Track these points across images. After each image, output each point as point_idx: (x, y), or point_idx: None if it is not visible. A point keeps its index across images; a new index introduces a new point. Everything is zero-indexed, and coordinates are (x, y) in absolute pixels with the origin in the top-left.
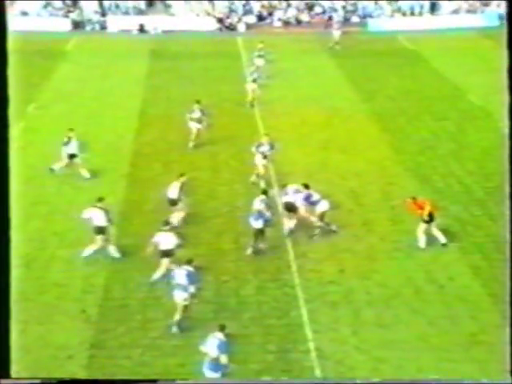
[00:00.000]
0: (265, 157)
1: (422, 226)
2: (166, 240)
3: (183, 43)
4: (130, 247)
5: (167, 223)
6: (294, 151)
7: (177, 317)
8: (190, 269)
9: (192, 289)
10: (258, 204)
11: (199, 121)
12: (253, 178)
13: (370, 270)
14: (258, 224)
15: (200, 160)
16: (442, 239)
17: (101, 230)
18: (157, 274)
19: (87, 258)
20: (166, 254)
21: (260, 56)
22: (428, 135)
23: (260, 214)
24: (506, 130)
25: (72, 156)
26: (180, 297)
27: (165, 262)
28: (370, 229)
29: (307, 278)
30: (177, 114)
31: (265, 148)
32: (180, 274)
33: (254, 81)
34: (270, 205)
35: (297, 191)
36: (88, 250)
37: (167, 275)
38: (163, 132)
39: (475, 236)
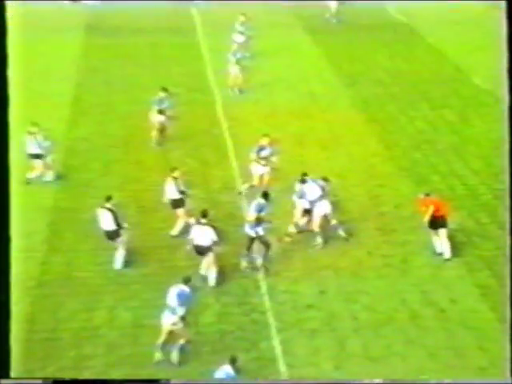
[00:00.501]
0: (265, 164)
1: (432, 232)
2: (202, 235)
3: (125, 16)
4: (60, 266)
5: (205, 215)
6: None
7: (159, 341)
8: (185, 288)
9: (181, 311)
10: (255, 209)
11: (165, 113)
12: (242, 187)
13: (357, 291)
14: (254, 232)
15: (149, 159)
16: (447, 253)
17: (110, 235)
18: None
19: None
20: (201, 251)
21: (241, 32)
22: (425, 126)
23: (258, 222)
24: None
25: (37, 156)
26: (167, 320)
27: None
28: (356, 241)
29: (280, 302)
30: (118, 101)
31: (266, 151)
32: (171, 293)
33: (238, 62)
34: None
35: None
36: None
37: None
38: (102, 124)
39: (482, 249)
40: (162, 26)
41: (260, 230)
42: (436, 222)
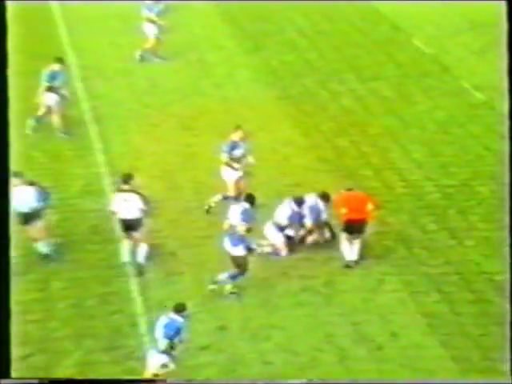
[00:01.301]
0: (239, 166)
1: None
2: (127, 205)
3: None
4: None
5: (127, 180)
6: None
7: None
8: (177, 318)
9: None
10: (239, 217)
11: (58, 91)
12: (213, 200)
13: (268, 326)
14: (238, 250)
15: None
16: (353, 255)
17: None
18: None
19: None
20: (129, 226)
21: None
22: (352, 105)
23: (240, 236)
24: None
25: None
26: (154, 360)
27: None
28: (265, 259)
29: None
30: None
31: (240, 150)
32: (158, 324)
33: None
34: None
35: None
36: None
37: None
38: None
39: (429, 264)
40: None
41: (253, 245)
42: (352, 227)
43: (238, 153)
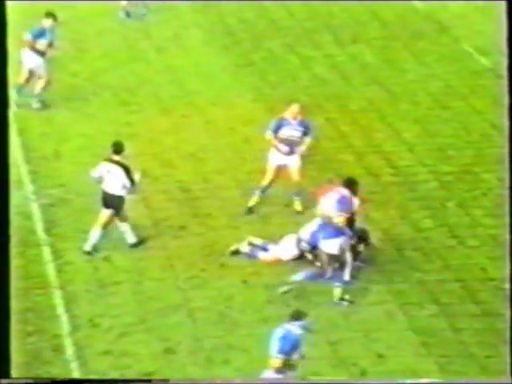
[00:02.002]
0: (289, 150)
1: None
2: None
3: None
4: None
5: (119, 149)
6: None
7: None
8: (295, 329)
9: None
10: (334, 205)
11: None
12: (253, 200)
13: (226, 347)
14: (333, 244)
15: None
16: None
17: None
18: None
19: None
20: (108, 202)
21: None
22: (328, 73)
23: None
24: None
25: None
26: None
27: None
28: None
29: None
30: None
31: (291, 129)
32: (275, 335)
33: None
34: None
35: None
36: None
37: None
38: None
39: (423, 270)
40: None
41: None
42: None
43: (287, 133)
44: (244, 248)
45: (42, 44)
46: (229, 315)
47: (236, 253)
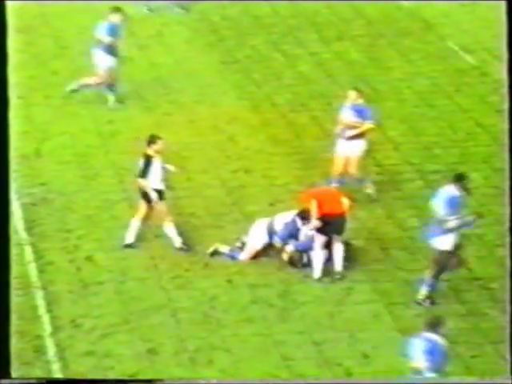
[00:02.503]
0: (351, 136)
1: (317, 239)
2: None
3: None
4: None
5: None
6: None
7: None
8: (437, 339)
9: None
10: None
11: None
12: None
13: (209, 348)
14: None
15: None
16: (338, 265)
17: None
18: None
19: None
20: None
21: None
22: (310, 70)
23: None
24: None
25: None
26: None
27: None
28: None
29: None
30: None
31: (352, 117)
32: (415, 347)
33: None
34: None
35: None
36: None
37: None
38: None
39: (408, 269)
40: None
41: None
42: (330, 224)
43: (347, 119)
44: (223, 248)
45: (113, 41)
46: (213, 315)
47: (215, 253)
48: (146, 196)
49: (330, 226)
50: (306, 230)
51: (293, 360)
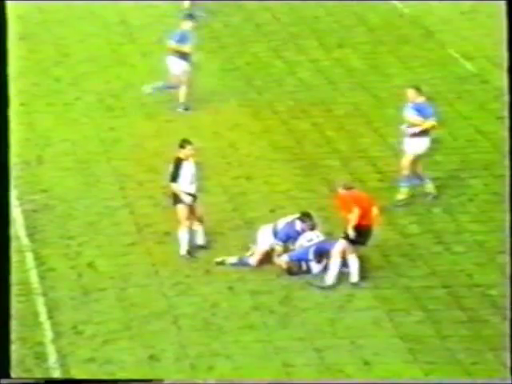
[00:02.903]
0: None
1: (340, 246)
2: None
3: None
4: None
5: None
6: None
7: None
8: None
9: None
10: None
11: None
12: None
13: (210, 354)
14: None
15: None
16: (354, 276)
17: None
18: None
19: None
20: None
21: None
22: (308, 78)
23: None
24: None
25: None
26: None
27: None
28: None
29: None
30: None
31: (413, 115)
32: None
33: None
34: None
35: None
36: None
37: None
38: None
39: (409, 276)
40: None
41: None
42: (361, 235)
43: (409, 117)
44: (231, 259)
45: (186, 48)
46: (214, 322)
47: (221, 263)
48: (177, 200)
49: (360, 237)
50: (303, 240)
51: (294, 366)
